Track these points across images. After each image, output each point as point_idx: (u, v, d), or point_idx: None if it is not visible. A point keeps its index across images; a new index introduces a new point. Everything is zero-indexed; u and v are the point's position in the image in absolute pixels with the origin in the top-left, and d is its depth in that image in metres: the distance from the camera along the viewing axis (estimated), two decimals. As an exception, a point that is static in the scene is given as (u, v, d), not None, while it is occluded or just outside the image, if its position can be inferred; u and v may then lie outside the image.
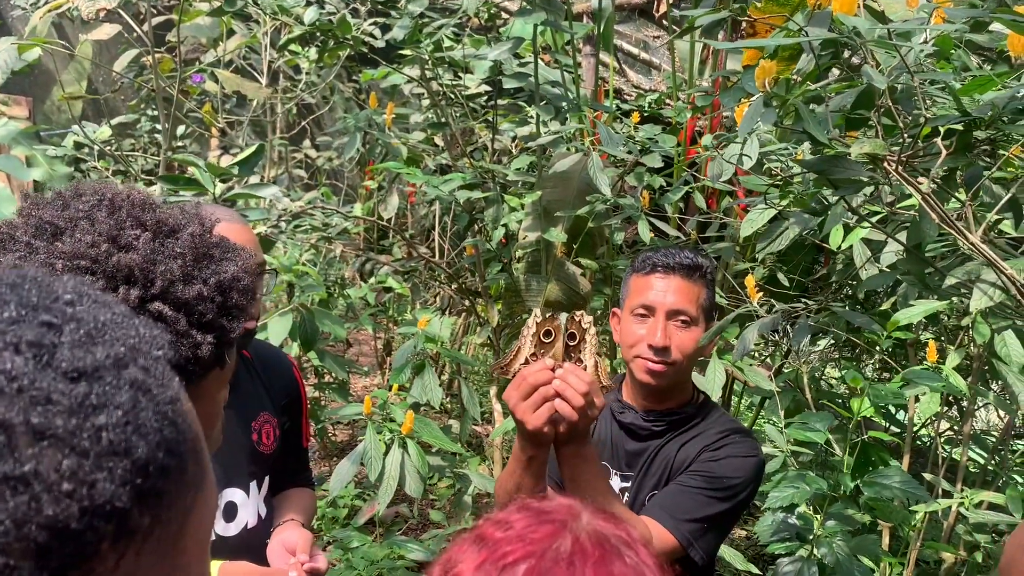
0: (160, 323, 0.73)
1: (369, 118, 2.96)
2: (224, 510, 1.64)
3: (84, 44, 5.85)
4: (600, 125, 2.43)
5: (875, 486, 1.76)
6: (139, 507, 0.42)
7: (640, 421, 1.67)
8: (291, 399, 1.81)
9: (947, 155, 1.15)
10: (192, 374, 0.77)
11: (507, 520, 0.66)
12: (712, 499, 1.53)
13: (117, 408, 0.41)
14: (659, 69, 5.77)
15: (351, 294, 4.17)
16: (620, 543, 0.63)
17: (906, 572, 2.49)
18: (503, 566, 0.61)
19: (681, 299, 1.59)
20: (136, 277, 0.73)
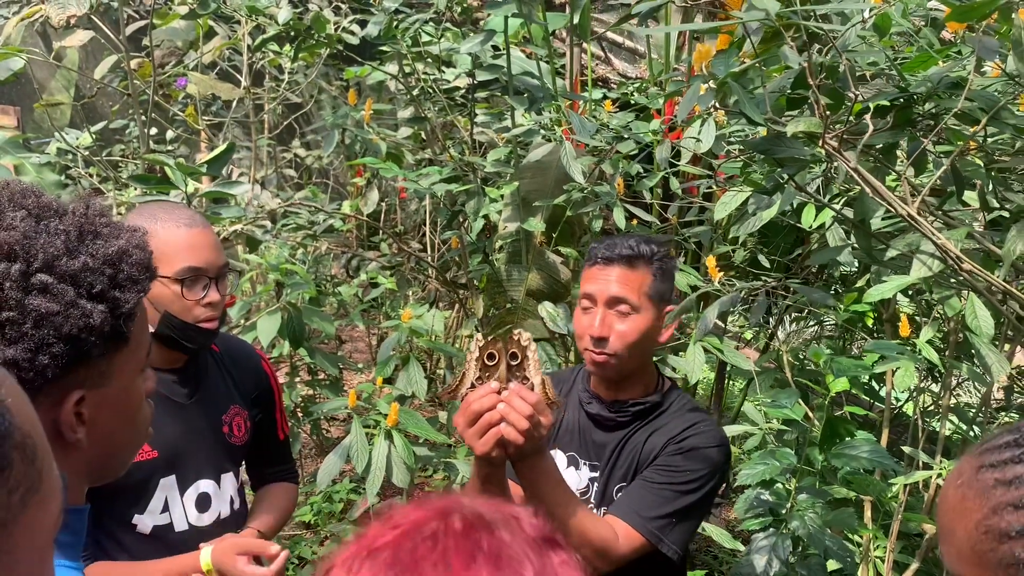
0: (45, 295, 0.75)
1: (349, 115, 2.99)
2: (196, 501, 1.68)
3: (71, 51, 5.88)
4: (572, 114, 2.46)
5: (843, 457, 1.79)
6: None
7: (606, 412, 1.68)
8: (261, 391, 1.85)
9: (886, 130, 1.18)
10: (90, 347, 0.79)
11: (388, 515, 0.65)
12: (678, 493, 1.54)
13: None
14: (644, 57, 5.79)
15: (342, 291, 4.20)
16: (497, 520, 0.63)
17: (889, 544, 2.53)
18: (369, 551, 0.61)
19: (620, 288, 1.59)
20: (16, 253, 0.76)
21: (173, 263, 1.55)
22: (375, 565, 0.59)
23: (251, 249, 3.28)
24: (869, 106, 1.22)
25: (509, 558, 0.59)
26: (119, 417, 0.86)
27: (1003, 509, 0.85)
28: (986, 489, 0.87)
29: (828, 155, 1.26)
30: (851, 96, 1.23)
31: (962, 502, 0.88)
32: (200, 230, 1.59)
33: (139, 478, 1.60)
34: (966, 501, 0.87)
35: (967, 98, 1.14)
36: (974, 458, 0.91)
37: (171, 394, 1.66)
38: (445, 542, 0.60)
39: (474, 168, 3.08)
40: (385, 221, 4.76)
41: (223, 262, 1.62)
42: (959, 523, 0.88)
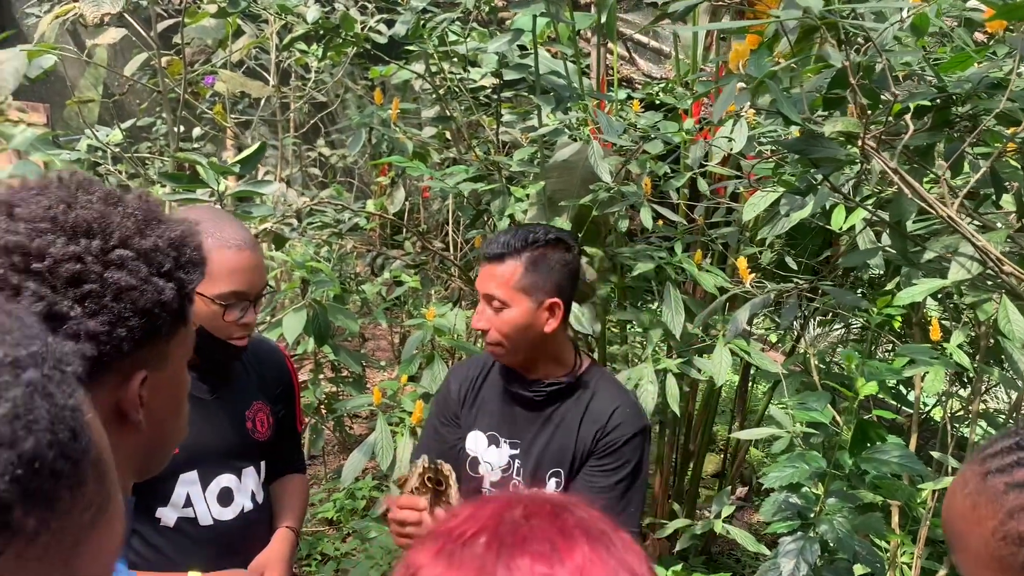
0: (123, 270, 0.78)
1: (375, 114, 3.00)
2: (219, 495, 1.71)
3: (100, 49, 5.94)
4: (600, 113, 2.45)
5: (873, 462, 1.78)
6: (23, 504, 0.42)
7: (525, 391, 1.79)
8: (284, 387, 1.88)
9: (923, 131, 1.16)
10: (161, 324, 0.81)
11: (451, 515, 0.68)
12: (623, 486, 1.72)
13: (7, 401, 0.43)
14: (669, 57, 5.76)
15: (366, 290, 4.22)
16: (569, 504, 0.67)
17: (916, 550, 2.50)
18: (463, 542, 0.63)
19: (490, 284, 1.71)
20: (95, 230, 0.78)
21: (218, 284, 1.56)
22: (477, 550, 0.62)
23: (277, 247, 3.29)
24: (908, 107, 1.21)
25: (600, 532, 0.64)
26: (170, 403, 0.88)
27: (1019, 513, 0.85)
28: (997, 495, 0.87)
29: (864, 156, 1.24)
30: (888, 96, 1.21)
31: (973, 510, 0.88)
32: (249, 253, 1.60)
33: (161, 473, 1.62)
34: (978, 508, 0.88)
35: (1008, 99, 1.12)
36: (977, 465, 0.91)
37: (194, 390, 1.66)
38: (540, 523, 0.64)
39: (499, 167, 3.08)
40: (408, 220, 4.77)
41: (264, 283, 1.65)
42: (972, 530, 0.88)
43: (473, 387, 1.90)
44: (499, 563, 0.61)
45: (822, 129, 1.19)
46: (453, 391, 1.92)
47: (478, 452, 1.86)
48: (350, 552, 3.46)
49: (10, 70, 2.30)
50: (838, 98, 1.22)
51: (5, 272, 0.73)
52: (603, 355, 3.16)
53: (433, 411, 1.97)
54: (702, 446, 3.52)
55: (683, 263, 2.64)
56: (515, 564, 0.61)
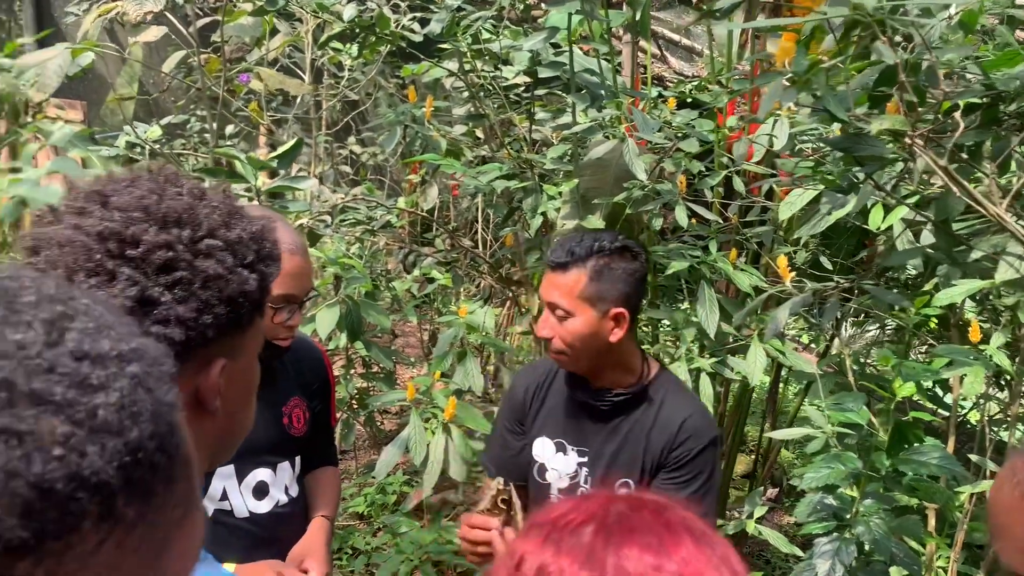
0: (211, 259, 0.80)
1: (409, 112, 3.01)
2: (254, 489, 1.74)
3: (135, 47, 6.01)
4: (635, 111, 2.44)
5: (911, 463, 1.76)
6: (125, 493, 0.44)
7: (591, 400, 1.78)
8: (321, 383, 1.92)
9: (971, 129, 1.15)
10: (243, 313, 0.84)
11: (552, 508, 0.69)
12: (700, 496, 1.70)
13: (116, 391, 0.44)
14: (700, 55, 5.73)
15: (396, 286, 4.24)
16: (666, 502, 0.68)
17: (952, 554, 2.47)
18: (570, 530, 0.65)
19: (554, 293, 1.69)
20: (184, 220, 0.81)
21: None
22: (584, 538, 0.64)
23: (311, 243, 3.32)
24: (957, 104, 1.19)
25: (703, 532, 0.65)
26: (243, 393, 0.90)
27: None
28: None
29: (909, 154, 1.23)
30: (935, 94, 1.20)
31: (1021, 500, 0.88)
32: (300, 258, 1.62)
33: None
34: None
35: (1059, 96, 1.11)
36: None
37: None
38: (646, 516, 0.65)
39: (532, 165, 3.08)
40: (438, 217, 4.79)
41: (311, 287, 1.68)
42: (1018, 520, 0.88)
43: (540, 393, 1.89)
44: (608, 551, 0.62)
45: (867, 127, 1.18)
46: (519, 396, 1.91)
47: (545, 459, 1.86)
48: (381, 547, 3.49)
49: (54, 68, 2.34)
50: (883, 96, 1.21)
51: (101, 258, 0.76)
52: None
53: (502, 416, 1.97)
54: (733, 447, 3.50)
55: (718, 262, 2.63)
56: (623, 553, 0.62)
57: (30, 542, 0.40)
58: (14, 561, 0.40)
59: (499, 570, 0.67)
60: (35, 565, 0.40)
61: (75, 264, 0.75)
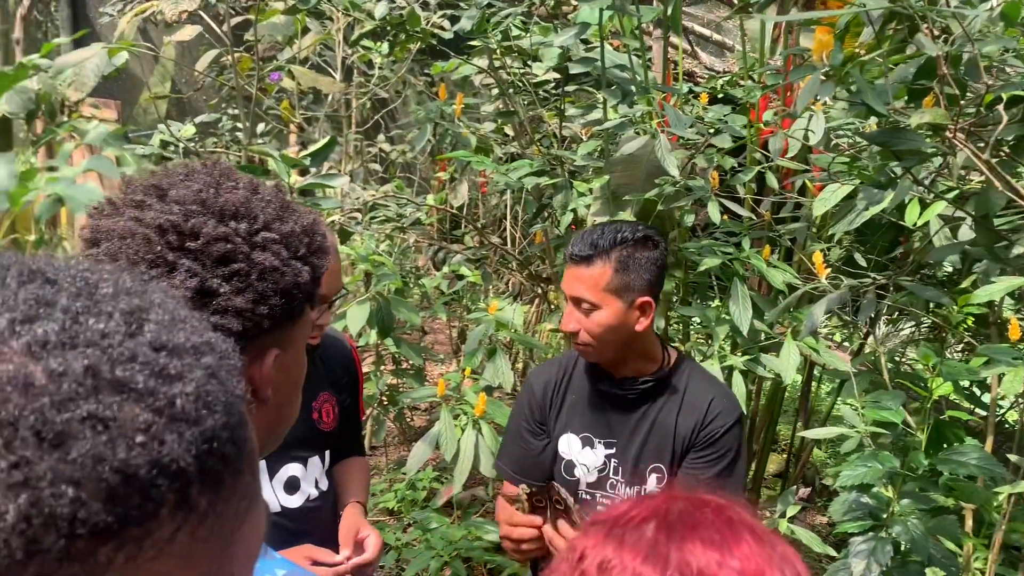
0: (267, 251, 0.82)
1: (439, 109, 3.02)
2: (286, 484, 1.76)
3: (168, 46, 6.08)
4: (667, 107, 2.43)
5: (950, 463, 1.73)
6: (199, 482, 0.45)
7: (617, 390, 1.79)
8: (351, 377, 1.94)
9: (1014, 123, 1.13)
10: (296, 304, 0.85)
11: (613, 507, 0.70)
12: (728, 474, 1.73)
13: (192, 381, 0.45)
14: (732, 50, 5.68)
15: (426, 283, 4.26)
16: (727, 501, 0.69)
17: (991, 555, 2.43)
18: (632, 526, 0.65)
19: (579, 287, 1.69)
20: (241, 213, 0.83)
21: None
22: (647, 533, 0.64)
23: (342, 240, 3.34)
24: (1001, 97, 1.17)
25: (763, 531, 0.65)
26: (291, 384, 0.91)
27: None
28: None
29: (949, 148, 1.21)
30: (977, 87, 1.18)
31: None
32: (331, 257, 1.63)
33: None
34: None
35: (1106, 88, 1.09)
36: None
37: None
38: (707, 514, 0.66)
39: (562, 162, 3.07)
40: (467, 215, 4.80)
41: (341, 286, 1.70)
42: None
43: (558, 390, 1.89)
44: (671, 546, 0.63)
45: (906, 121, 1.16)
46: (538, 396, 1.90)
47: (572, 455, 1.85)
48: (411, 542, 3.50)
49: (91, 67, 2.37)
50: (922, 89, 1.19)
51: (162, 250, 0.78)
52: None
53: (516, 418, 1.95)
54: (765, 446, 3.47)
55: (751, 259, 2.60)
56: (687, 548, 0.62)
57: (113, 527, 0.41)
58: (97, 546, 0.40)
59: (560, 565, 0.68)
60: (116, 550, 0.41)
61: (136, 256, 0.77)
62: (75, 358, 0.42)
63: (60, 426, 0.40)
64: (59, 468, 0.39)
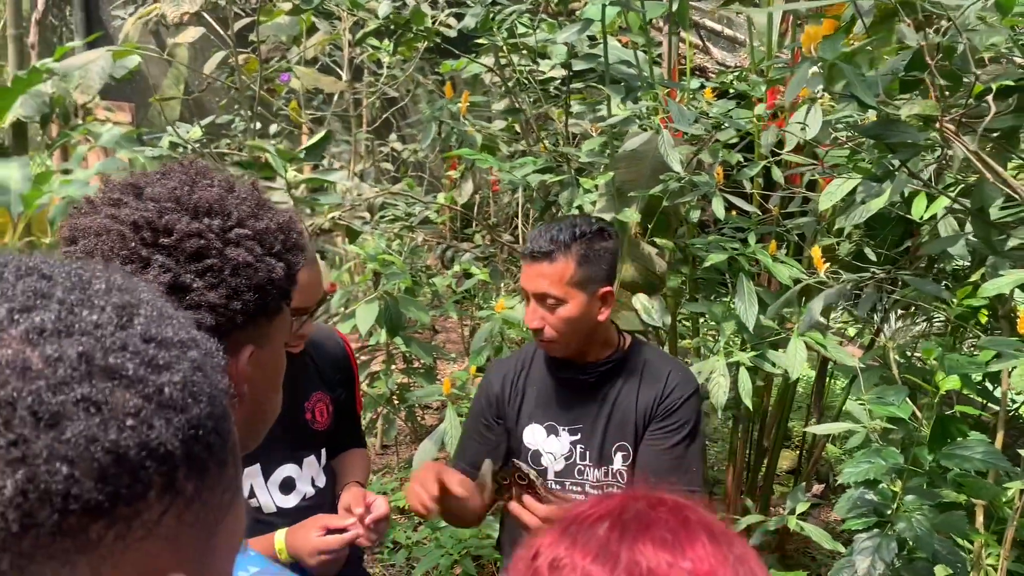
0: (240, 247, 0.83)
1: (445, 107, 3.02)
2: (280, 485, 1.76)
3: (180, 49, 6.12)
4: (671, 102, 2.41)
5: (954, 458, 1.71)
6: (185, 467, 0.47)
7: (578, 376, 1.82)
8: (343, 372, 1.93)
9: (1007, 113, 1.11)
10: (270, 300, 0.86)
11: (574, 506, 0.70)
12: (685, 445, 1.77)
13: (179, 372, 0.48)
14: (743, 45, 5.64)
15: (436, 282, 4.27)
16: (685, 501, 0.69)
17: (1003, 552, 2.40)
18: (586, 525, 0.65)
19: (542, 283, 1.71)
20: (215, 210, 0.84)
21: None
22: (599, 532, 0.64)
23: (351, 240, 3.35)
24: (991, 88, 1.15)
25: (721, 532, 0.65)
26: (270, 381, 0.93)
27: None
28: None
29: (944, 140, 1.20)
30: (969, 78, 1.17)
31: None
32: (308, 270, 1.62)
33: None
34: None
35: (1101, 77, 1.07)
36: None
37: None
38: (663, 513, 0.66)
39: (568, 159, 3.07)
40: (478, 213, 4.80)
41: (319, 295, 1.68)
42: None
43: (517, 382, 1.92)
44: (622, 546, 0.63)
45: (899, 113, 1.15)
46: (495, 391, 1.93)
47: (538, 445, 1.87)
48: (421, 541, 3.51)
49: (97, 70, 2.39)
50: (916, 81, 1.18)
51: (136, 246, 0.80)
52: (674, 348, 3.12)
53: (473, 419, 1.98)
54: (776, 442, 3.45)
55: (757, 254, 2.59)
56: (638, 548, 0.62)
57: (104, 505, 0.43)
58: (88, 523, 0.43)
59: (517, 563, 0.68)
60: (106, 528, 0.43)
61: (111, 252, 0.79)
62: (70, 345, 0.44)
63: (55, 407, 0.42)
64: (54, 446, 0.42)
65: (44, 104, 3.95)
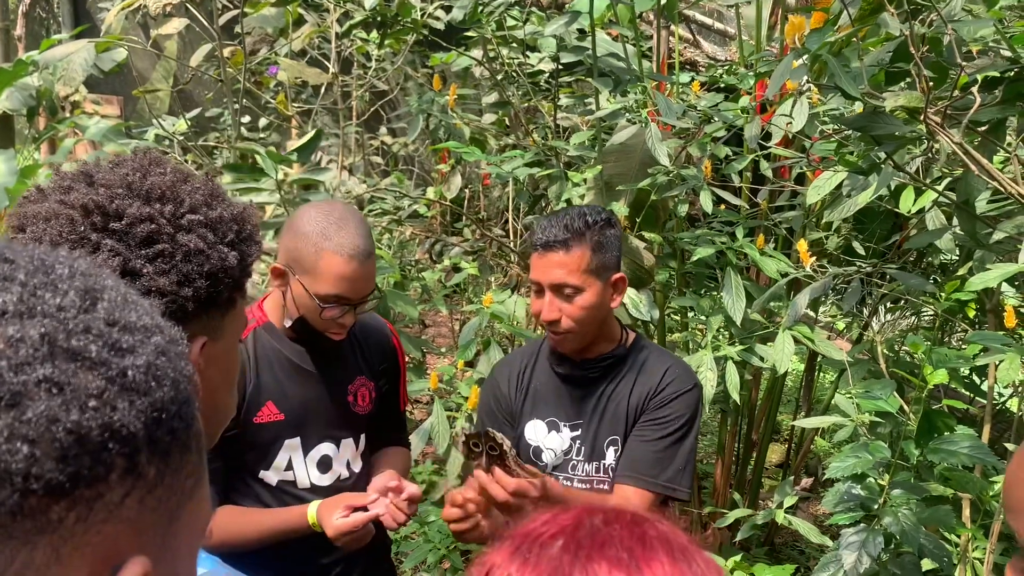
0: (192, 234, 0.82)
1: (432, 100, 3.01)
2: (318, 462, 1.80)
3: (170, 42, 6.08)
4: (657, 95, 2.40)
5: (940, 452, 1.71)
6: (148, 451, 0.47)
7: (577, 371, 1.81)
8: (389, 363, 1.93)
9: (995, 105, 1.11)
10: (223, 290, 0.85)
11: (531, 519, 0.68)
12: (674, 441, 1.74)
13: (143, 355, 0.48)
14: (733, 39, 5.63)
15: (426, 276, 4.25)
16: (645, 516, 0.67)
17: (989, 545, 2.40)
18: (539, 544, 0.63)
19: (560, 273, 1.69)
20: (168, 196, 0.83)
21: (322, 284, 1.63)
22: (552, 552, 0.62)
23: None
24: (977, 79, 1.14)
25: (681, 547, 0.63)
26: (224, 376, 0.92)
27: None
28: None
29: (929, 132, 1.19)
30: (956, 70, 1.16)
31: None
32: (358, 264, 1.63)
33: (266, 438, 1.74)
34: None
35: (1086, 69, 1.06)
36: None
37: (301, 362, 1.78)
38: (619, 530, 0.63)
39: (557, 152, 3.05)
40: (469, 207, 4.78)
41: (370, 290, 1.70)
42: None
43: (522, 379, 1.91)
44: (575, 566, 0.60)
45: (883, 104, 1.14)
46: (503, 388, 1.92)
47: (539, 440, 1.86)
48: (409, 535, 3.50)
49: (79, 61, 2.37)
50: (902, 72, 1.17)
51: (85, 230, 0.79)
52: (662, 343, 3.12)
53: (484, 415, 1.97)
54: (765, 435, 3.45)
55: (745, 248, 2.58)
56: (592, 569, 0.60)
57: (65, 486, 0.43)
58: (49, 504, 0.43)
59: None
60: (67, 510, 0.43)
61: (60, 237, 0.78)
62: (32, 326, 0.44)
63: (16, 387, 0.42)
64: (15, 426, 0.42)
65: (30, 97, 3.91)
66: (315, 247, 1.61)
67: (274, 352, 1.76)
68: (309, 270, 1.62)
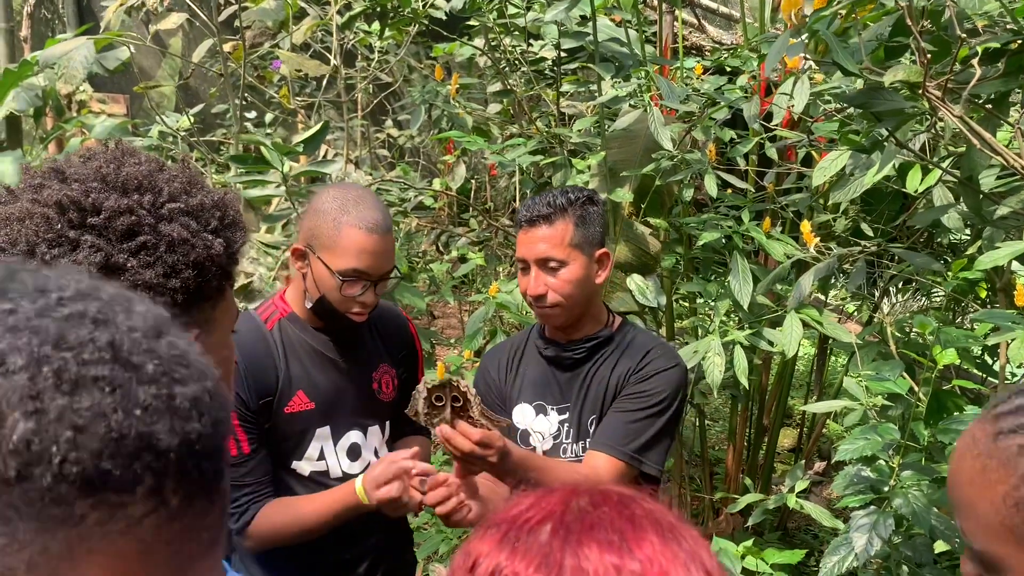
0: (174, 223, 0.80)
1: (434, 90, 2.99)
2: (348, 450, 1.82)
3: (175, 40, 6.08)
4: (659, 79, 2.38)
5: (951, 433, 1.69)
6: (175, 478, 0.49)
7: (563, 352, 1.82)
8: (407, 351, 1.96)
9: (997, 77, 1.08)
10: (210, 278, 0.84)
11: (514, 504, 0.66)
12: (649, 416, 1.74)
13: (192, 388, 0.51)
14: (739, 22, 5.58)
15: (433, 268, 4.24)
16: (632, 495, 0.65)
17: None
18: (527, 530, 0.61)
19: (542, 247, 1.72)
20: (145, 186, 0.81)
21: (341, 260, 1.64)
22: (541, 537, 0.61)
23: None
24: (977, 51, 1.12)
25: (669, 525, 0.62)
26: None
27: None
28: (1010, 457, 0.78)
29: (932, 108, 1.17)
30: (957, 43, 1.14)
31: (983, 473, 0.80)
32: (378, 237, 1.65)
33: (298, 428, 1.76)
34: (988, 472, 0.80)
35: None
36: (988, 424, 0.82)
37: (327, 352, 1.80)
38: (607, 512, 0.62)
39: (561, 140, 3.04)
40: (476, 198, 4.77)
41: (389, 268, 1.70)
42: (982, 496, 0.80)
43: (512, 365, 1.92)
44: (566, 551, 0.59)
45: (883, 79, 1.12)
46: (493, 374, 1.94)
47: (526, 424, 1.87)
48: (421, 526, 3.50)
49: (79, 59, 2.37)
50: (902, 46, 1.15)
51: (62, 227, 0.76)
52: (671, 329, 3.10)
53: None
54: (776, 420, 3.43)
55: (751, 231, 2.56)
56: (583, 553, 0.59)
57: (95, 482, 0.45)
58: (76, 496, 0.45)
59: (455, 571, 0.64)
60: (92, 508, 0.45)
61: (36, 237, 0.75)
62: (104, 333, 0.48)
63: (76, 376, 0.46)
64: (67, 411, 0.45)
65: (36, 97, 3.92)
66: (334, 221, 1.63)
67: (300, 342, 1.78)
68: (329, 246, 1.64)
